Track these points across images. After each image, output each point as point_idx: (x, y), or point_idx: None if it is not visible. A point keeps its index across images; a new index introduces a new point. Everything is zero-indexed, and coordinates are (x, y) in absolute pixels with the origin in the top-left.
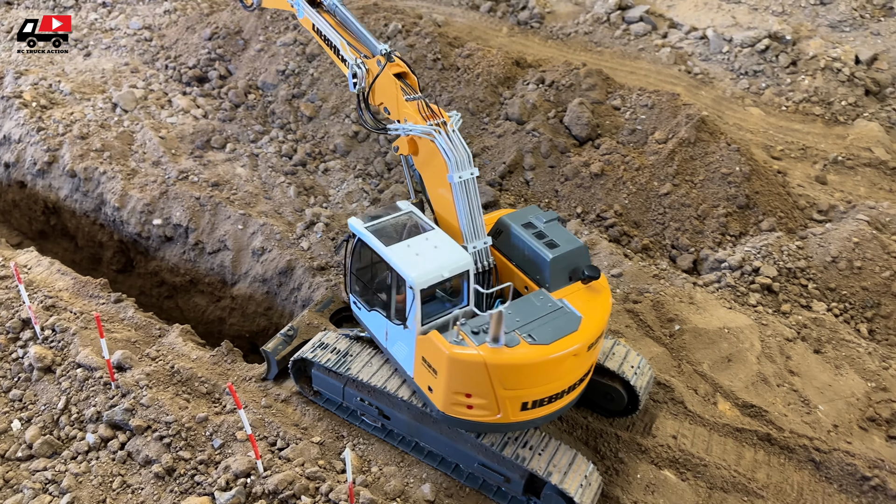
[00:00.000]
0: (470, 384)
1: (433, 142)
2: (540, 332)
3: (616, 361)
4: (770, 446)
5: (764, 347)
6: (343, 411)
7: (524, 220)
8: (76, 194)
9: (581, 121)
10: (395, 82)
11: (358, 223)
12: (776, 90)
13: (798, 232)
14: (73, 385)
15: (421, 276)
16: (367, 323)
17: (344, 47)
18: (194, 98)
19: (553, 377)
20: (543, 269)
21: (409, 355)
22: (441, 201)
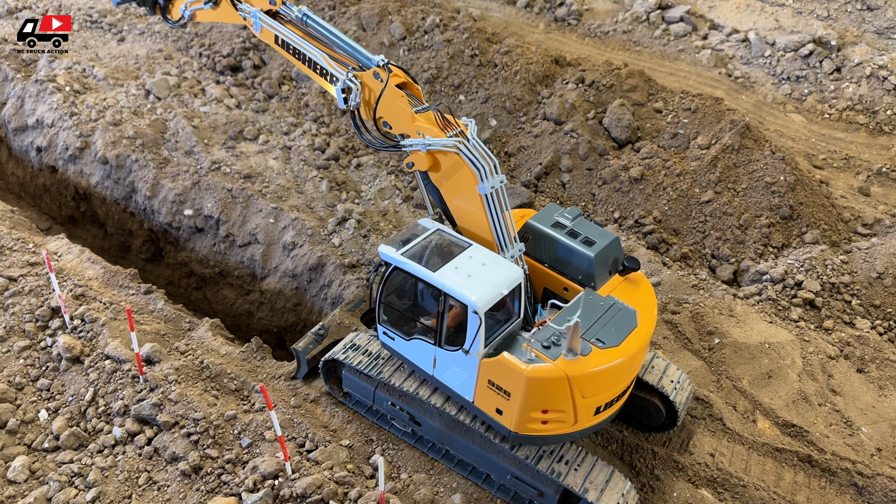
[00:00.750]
0: (549, 400)
1: (458, 154)
2: (605, 334)
3: (655, 375)
4: (811, 468)
5: (805, 365)
6: (372, 414)
7: (552, 221)
8: (107, 181)
9: (621, 123)
10: (402, 94)
11: (391, 251)
12: (819, 97)
13: (842, 245)
14: (101, 377)
15: (482, 298)
16: (405, 353)
17: (328, 62)
18: (228, 87)
19: (623, 376)
20: (587, 268)
21: (469, 380)
22: (464, 214)
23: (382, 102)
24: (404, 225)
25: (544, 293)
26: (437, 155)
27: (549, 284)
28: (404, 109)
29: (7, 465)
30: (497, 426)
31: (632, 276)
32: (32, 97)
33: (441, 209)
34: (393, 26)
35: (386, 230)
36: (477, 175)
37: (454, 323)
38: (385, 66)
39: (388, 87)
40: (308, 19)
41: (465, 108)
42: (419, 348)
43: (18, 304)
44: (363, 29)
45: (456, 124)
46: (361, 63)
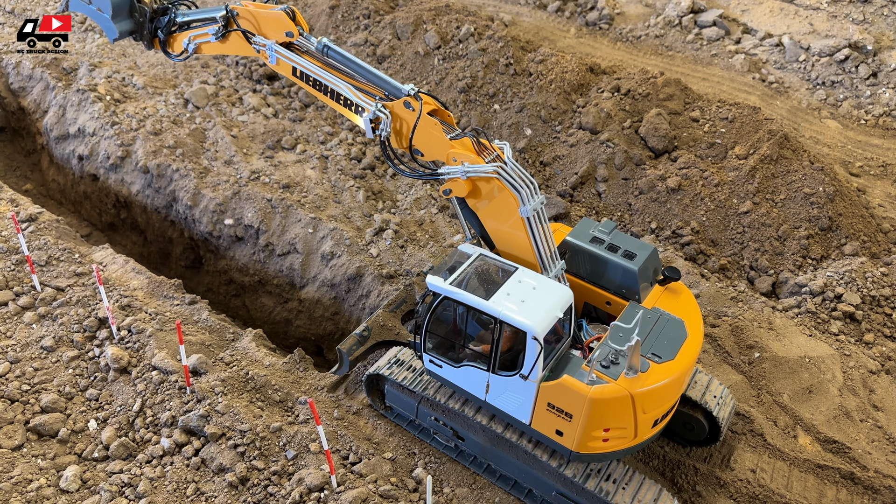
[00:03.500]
0: (612, 419)
1: (499, 179)
2: (659, 347)
3: (698, 390)
4: (853, 485)
5: (846, 379)
6: (414, 428)
7: (589, 236)
8: (148, 190)
9: (658, 132)
10: (435, 122)
11: (439, 281)
12: (855, 102)
13: (882, 257)
14: (149, 387)
15: (539, 323)
16: (455, 380)
17: (353, 93)
18: (265, 96)
19: (680, 386)
20: (630, 282)
21: (525, 404)
22: (504, 236)
23: (417, 131)
24: (440, 235)
25: (584, 308)
26: (477, 181)
27: (590, 299)
28: (439, 137)
29: (59, 475)
30: (556, 447)
31: (671, 285)
32: (74, 106)
33: (479, 233)
34: (428, 35)
35: (422, 240)
36: (518, 199)
37: (507, 347)
38: (416, 95)
39: (421, 116)
40: (329, 50)
41: (499, 117)
42: (470, 375)
43: (66, 315)
44: (398, 38)
45: (491, 148)
46: (389, 92)
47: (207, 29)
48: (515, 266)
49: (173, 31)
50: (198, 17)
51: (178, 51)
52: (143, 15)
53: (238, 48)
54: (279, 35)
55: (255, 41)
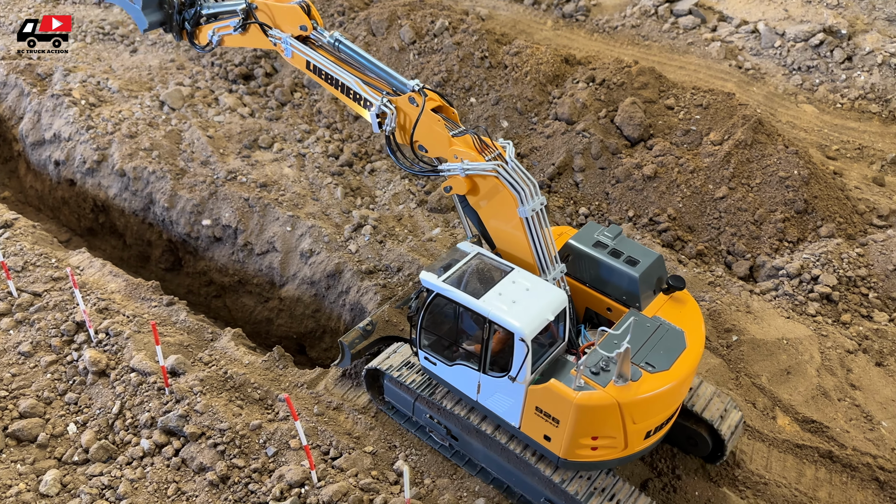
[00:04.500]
0: (600, 427)
1: (498, 178)
2: (655, 357)
3: (702, 404)
4: (832, 464)
5: (824, 360)
6: (414, 426)
7: (592, 241)
8: (125, 193)
9: (633, 121)
10: (438, 118)
11: (432, 277)
12: (830, 87)
13: (858, 238)
14: (128, 389)
15: (528, 325)
16: (448, 378)
17: (361, 87)
18: (241, 96)
19: (674, 399)
20: (631, 289)
21: (515, 407)
22: (504, 236)
23: (419, 127)
24: (419, 229)
25: (586, 313)
26: (476, 179)
27: (591, 304)
28: (441, 133)
29: (39, 479)
30: (545, 452)
31: (676, 294)
32: (49, 111)
33: (479, 232)
34: (402, 31)
35: (401, 235)
36: (517, 198)
37: (498, 349)
38: (420, 91)
39: (424, 112)
40: (341, 45)
41: (476, 110)
42: (462, 374)
43: (44, 320)
44: (373, 34)
45: (493, 147)
46: (395, 87)
47: (230, 21)
48: (512, 266)
49: (200, 23)
50: (222, 9)
51: (203, 42)
52: (172, 7)
53: (257, 41)
54: (294, 28)
55: (271, 34)
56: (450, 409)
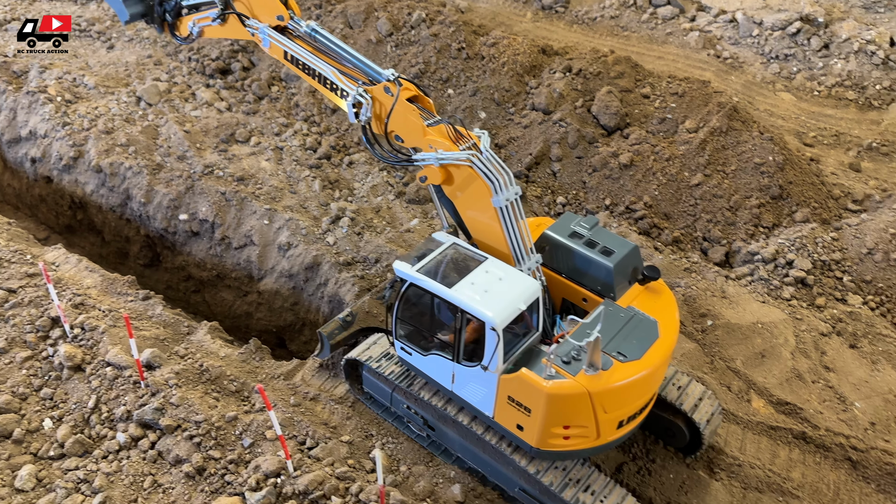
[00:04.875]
0: (570, 416)
1: (471, 167)
2: (627, 347)
3: (679, 395)
4: (805, 445)
5: (798, 343)
6: (392, 415)
7: (568, 231)
8: (102, 189)
9: (609, 110)
10: (413, 108)
11: (405, 267)
12: (808, 74)
13: (833, 223)
14: (103, 384)
15: (499, 314)
16: (423, 368)
17: (338, 77)
18: (218, 91)
19: (646, 389)
20: (606, 279)
21: (488, 396)
22: (480, 226)
23: (394, 116)
24: (398, 221)
25: (562, 304)
26: (450, 168)
27: (567, 295)
28: (416, 123)
29: (14, 475)
30: (518, 441)
31: (652, 285)
32: (25, 109)
33: (455, 222)
34: (379, 23)
35: (380, 227)
36: (491, 188)
37: (472, 338)
38: (395, 80)
39: (399, 101)
40: (317, 34)
41: (453, 101)
42: (437, 364)
43: (19, 316)
44: (350, 27)
45: (468, 136)
46: (371, 77)
47: (209, 12)
48: (486, 256)
49: (181, 15)
50: (202, 0)
51: (185, 34)
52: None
53: (236, 32)
54: (271, 18)
55: (249, 24)
56: (427, 400)
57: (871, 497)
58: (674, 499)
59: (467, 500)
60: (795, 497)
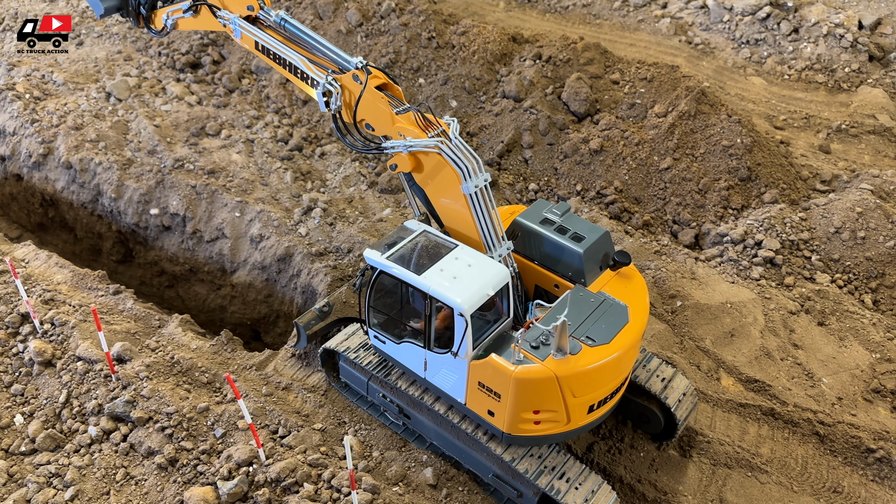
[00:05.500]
0: (539, 401)
1: (440, 154)
2: (596, 331)
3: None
4: (774, 421)
5: (767, 321)
6: (367, 404)
7: (540, 217)
8: (73, 186)
9: (579, 96)
10: (382, 96)
11: (375, 255)
12: (778, 59)
13: (801, 203)
14: (74, 378)
15: (467, 300)
16: (396, 356)
17: (307, 66)
18: (188, 85)
19: (616, 373)
20: (576, 264)
21: (460, 382)
22: (451, 214)
23: (362, 104)
24: (370, 211)
25: (536, 290)
26: (419, 156)
27: (540, 282)
28: (384, 111)
29: None
30: (490, 427)
31: (623, 270)
32: None
33: (427, 210)
34: (349, 13)
35: (352, 217)
36: (460, 174)
37: (442, 325)
38: (363, 68)
39: (367, 89)
40: (286, 23)
41: (425, 90)
42: (410, 351)
43: None
44: (319, 17)
45: (437, 124)
46: (341, 66)
47: (182, 4)
48: (456, 243)
49: (155, 7)
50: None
51: (159, 27)
52: None
53: (209, 23)
54: (241, 9)
55: (220, 15)
56: (403, 389)
57: (838, 470)
58: (644, 476)
59: (440, 483)
60: (764, 472)
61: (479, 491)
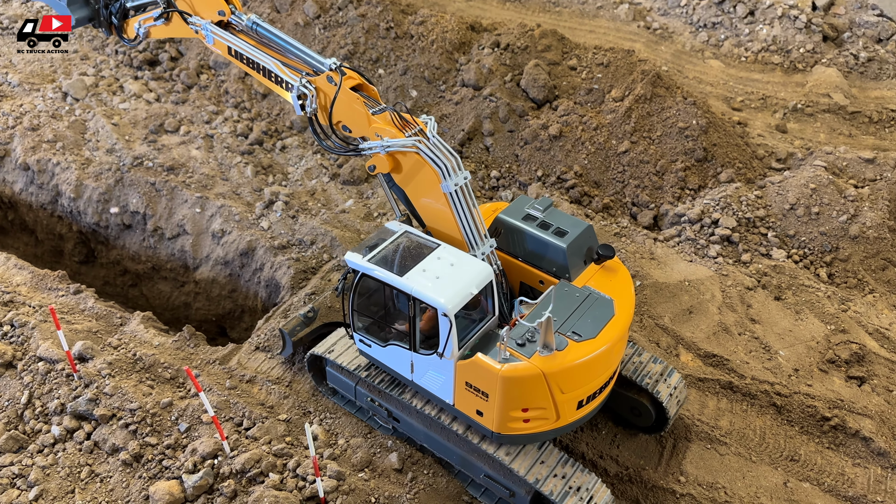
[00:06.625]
0: (528, 398)
1: (418, 153)
2: (582, 326)
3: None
4: (732, 394)
5: (725, 298)
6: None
7: (522, 214)
8: (31, 187)
9: (537, 83)
10: (357, 97)
11: (357, 257)
12: (735, 41)
13: (757, 182)
14: (36, 379)
15: (451, 299)
16: (383, 359)
17: (281, 69)
18: (146, 82)
19: (604, 367)
20: (560, 260)
21: (447, 383)
22: (432, 213)
23: (338, 106)
24: (333, 202)
25: (521, 287)
26: (398, 156)
27: (524, 278)
28: (360, 111)
29: None
30: (479, 427)
31: (608, 263)
32: None
33: (408, 210)
34: (306, 5)
35: (314, 209)
36: (439, 173)
37: (427, 326)
38: (337, 69)
39: (342, 90)
40: (258, 27)
41: (384, 81)
42: (396, 354)
43: None
44: (277, 11)
45: (414, 123)
46: (314, 67)
47: (153, 12)
48: (438, 243)
49: (127, 17)
50: (145, 0)
51: (132, 36)
52: (98, 1)
53: (181, 30)
54: (212, 14)
55: (191, 21)
56: (389, 392)
57: (794, 439)
58: (606, 452)
59: (405, 467)
60: (723, 444)
61: (445, 473)
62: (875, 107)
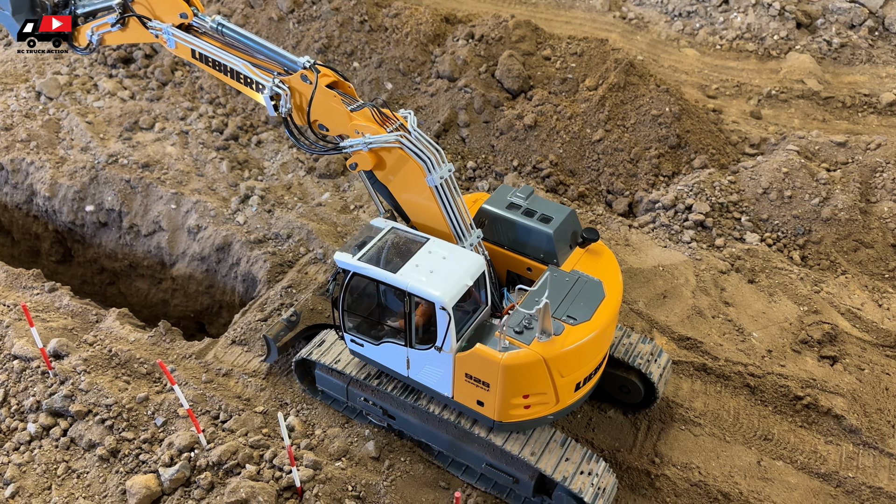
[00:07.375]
0: (529, 385)
1: (402, 148)
2: (575, 309)
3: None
4: (706, 375)
5: (699, 282)
6: (349, 410)
7: (505, 203)
8: (5, 187)
9: (512, 73)
10: (334, 94)
11: (346, 257)
12: (710, 30)
13: (730, 167)
14: (11, 377)
15: (447, 293)
16: (377, 358)
17: (251, 70)
18: (120, 80)
19: (599, 348)
20: (547, 246)
21: (445, 376)
22: (416, 208)
23: (315, 105)
24: (309, 196)
25: (508, 276)
26: (380, 152)
27: (511, 267)
28: (339, 109)
29: None
30: (480, 418)
31: (592, 246)
32: None
33: (392, 206)
34: (280, 0)
35: (291, 203)
36: (424, 167)
37: (423, 321)
38: (312, 67)
39: (318, 88)
40: (224, 28)
41: (359, 74)
42: (391, 351)
43: None
44: (251, 6)
45: (394, 118)
46: (286, 67)
47: (107, 18)
48: (427, 237)
49: (77, 24)
50: (98, 6)
51: (84, 44)
52: (45, 9)
53: (139, 35)
54: (174, 17)
55: (151, 26)
56: (384, 390)
57: (768, 418)
58: (581, 435)
59: (382, 454)
60: (698, 425)
61: (422, 459)
62: (848, 92)
